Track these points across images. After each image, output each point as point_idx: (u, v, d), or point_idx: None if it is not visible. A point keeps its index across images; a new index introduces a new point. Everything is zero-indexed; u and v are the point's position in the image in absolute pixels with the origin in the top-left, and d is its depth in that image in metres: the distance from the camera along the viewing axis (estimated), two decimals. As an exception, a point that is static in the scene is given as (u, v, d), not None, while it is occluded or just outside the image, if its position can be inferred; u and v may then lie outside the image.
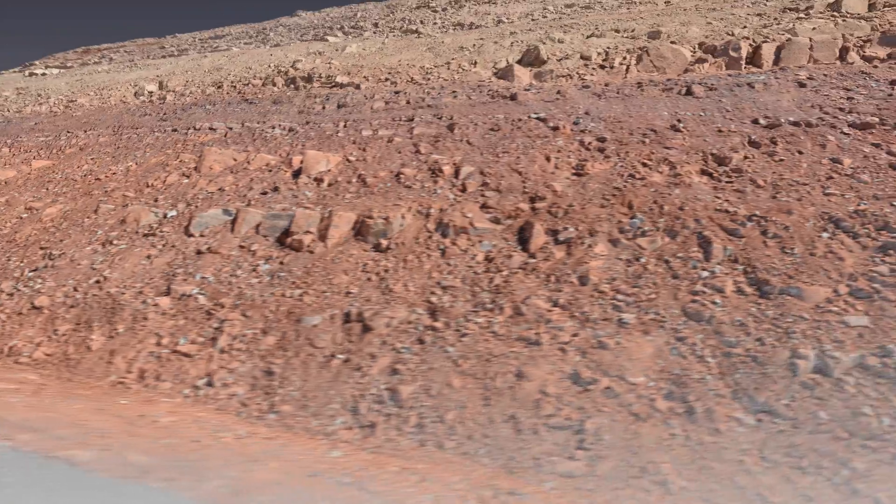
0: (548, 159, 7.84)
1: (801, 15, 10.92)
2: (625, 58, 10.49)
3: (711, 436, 3.89)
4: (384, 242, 6.86)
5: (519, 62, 11.49)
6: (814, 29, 9.93)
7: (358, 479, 3.32)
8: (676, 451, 3.82)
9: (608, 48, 11.31)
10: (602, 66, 10.61)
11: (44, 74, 19.14)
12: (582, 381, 4.50)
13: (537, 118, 8.93)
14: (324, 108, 11.14)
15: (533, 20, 17.95)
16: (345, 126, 10.07)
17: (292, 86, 12.79)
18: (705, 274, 5.39)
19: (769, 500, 3.38)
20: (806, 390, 4.10)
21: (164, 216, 8.29)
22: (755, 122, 7.72)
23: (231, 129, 11.06)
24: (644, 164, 7.27)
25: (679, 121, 8.10)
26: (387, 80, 11.85)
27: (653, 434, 3.97)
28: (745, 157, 7.00)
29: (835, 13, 10.52)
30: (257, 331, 5.75)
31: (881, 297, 4.72)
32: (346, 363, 5.16)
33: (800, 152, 6.90)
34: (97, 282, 7.03)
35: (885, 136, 6.85)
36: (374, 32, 20.83)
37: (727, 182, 6.68)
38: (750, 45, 9.97)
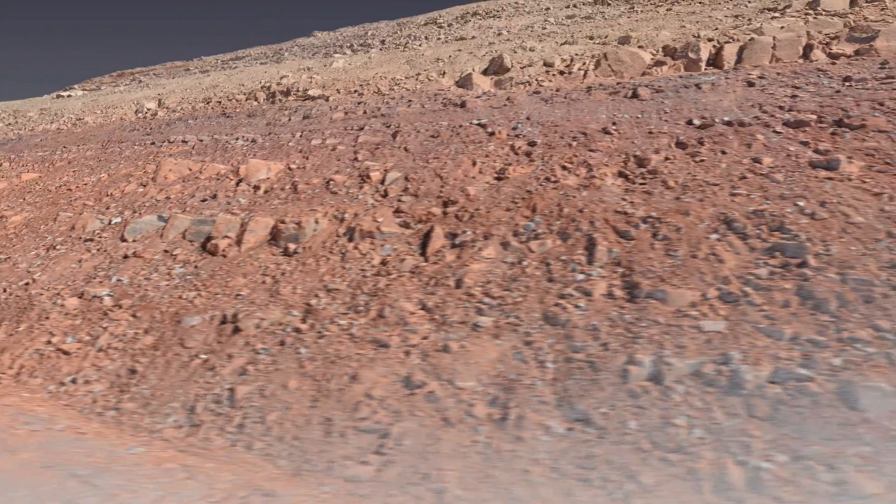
0: (473, 164, 7.68)
1: (777, 14, 10.40)
2: (584, 63, 10.24)
3: (512, 444, 3.63)
4: (292, 246, 6.86)
5: (485, 71, 11.40)
6: (782, 28, 9.42)
7: (96, 472, 3.26)
8: (471, 458, 3.58)
9: (575, 55, 11.07)
10: (562, 73, 10.38)
11: (69, 96, 20.36)
12: (412, 385, 4.31)
13: (478, 124, 8.79)
14: (289, 119, 11.35)
15: (531, 31, 17.84)
16: (301, 136, 10.21)
17: (272, 100, 13.10)
18: (580, 277, 5.10)
19: (535, 513, 3.11)
20: (630, 398, 3.78)
21: (109, 223, 8.58)
22: (689, 122, 7.34)
23: (202, 141, 11.40)
24: (564, 168, 7.01)
25: (614, 123, 7.79)
26: (355, 91, 11.98)
27: (454, 440, 3.74)
28: (666, 159, 6.65)
29: (810, 11, 9.96)
30: (140, 331, 5.82)
31: (747, 300, 4.33)
32: (204, 363, 5.14)
33: (723, 152, 6.49)
34: (26, 284, 7.31)
35: (816, 134, 6.37)
36: (381, 49, 21.17)
37: (640, 184, 6.36)
38: (714, 46, 9.55)
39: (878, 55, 8.19)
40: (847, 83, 7.36)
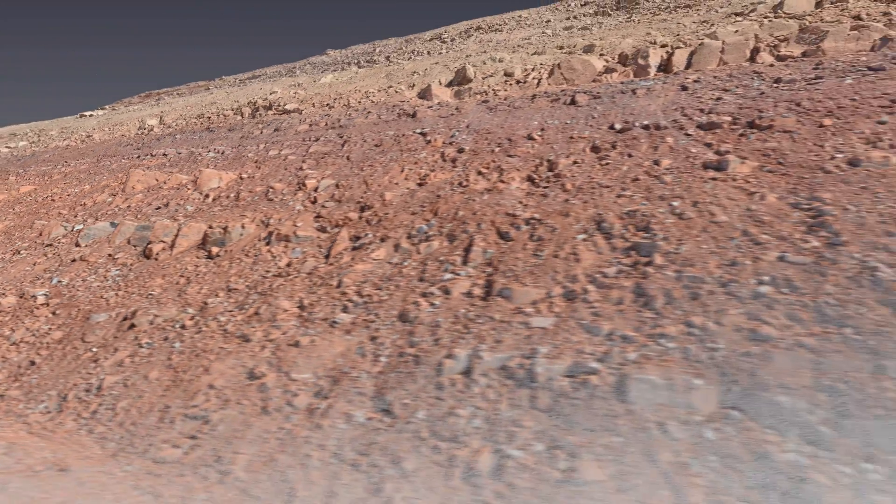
0: (402, 171, 7.84)
1: (739, 19, 10.22)
2: (539, 72, 10.29)
3: (310, 431, 3.72)
4: (215, 250, 7.15)
5: (450, 82, 11.59)
6: (736, 32, 9.26)
7: None
8: (268, 444, 3.70)
9: (540, 64, 11.13)
10: (519, 82, 10.46)
11: (91, 115, 21.65)
12: (253, 376, 4.46)
13: (420, 133, 8.95)
14: (261, 132, 11.79)
15: (526, 42, 17.93)
16: (263, 147, 10.60)
17: (254, 115, 13.63)
18: (448, 276, 5.17)
19: (294, 494, 3.20)
20: (435, 390, 3.83)
21: (72, 229, 9.11)
22: (611, 127, 7.30)
23: (179, 153, 11.96)
24: (479, 173, 7.09)
25: (542, 129, 7.82)
26: (327, 105, 12.35)
27: (263, 427, 3.86)
28: (574, 163, 6.64)
29: (769, 14, 9.75)
30: (53, 326, 6.18)
31: (584, 298, 4.31)
32: (92, 356, 5.43)
33: (630, 155, 6.44)
34: (-18, 285, 7.84)
35: (723, 137, 6.25)
36: (386, 65, 21.65)
37: (543, 187, 6.37)
38: (666, 52, 9.47)
39: (825, 55, 7.97)
40: (776, 84, 7.19)
